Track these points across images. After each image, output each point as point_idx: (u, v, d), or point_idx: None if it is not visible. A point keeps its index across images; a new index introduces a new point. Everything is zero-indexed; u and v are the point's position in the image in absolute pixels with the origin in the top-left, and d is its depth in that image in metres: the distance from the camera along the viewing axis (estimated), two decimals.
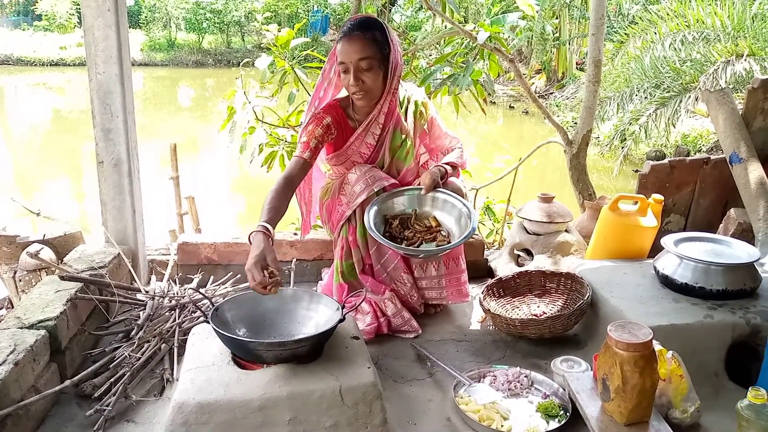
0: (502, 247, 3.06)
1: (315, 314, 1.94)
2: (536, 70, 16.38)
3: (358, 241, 2.29)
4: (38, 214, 6.96)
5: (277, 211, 2.01)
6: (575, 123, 10.93)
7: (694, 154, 9.38)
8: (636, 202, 2.57)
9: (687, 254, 2.19)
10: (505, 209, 4.57)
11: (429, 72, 3.81)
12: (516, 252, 2.91)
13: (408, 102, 2.46)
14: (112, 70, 2.30)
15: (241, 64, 4.11)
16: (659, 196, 2.57)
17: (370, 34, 2.18)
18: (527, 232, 2.86)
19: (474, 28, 3.57)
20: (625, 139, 8.27)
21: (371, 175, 2.29)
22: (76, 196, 8.37)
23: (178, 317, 2.18)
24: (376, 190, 2.26)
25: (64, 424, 1.74)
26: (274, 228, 1.92)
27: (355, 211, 2.27)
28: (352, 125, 2.37)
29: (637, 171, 9.43)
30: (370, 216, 2.22)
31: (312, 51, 4.01)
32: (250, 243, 1.85)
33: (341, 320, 1.82)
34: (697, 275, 2.16)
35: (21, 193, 8.15)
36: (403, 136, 2.41)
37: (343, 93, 2.43)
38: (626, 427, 1.65)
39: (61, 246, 2.49)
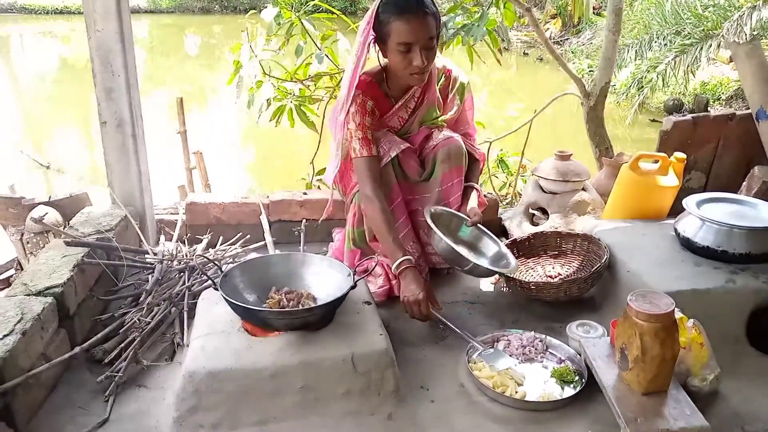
0: (516, 204, 2.99)
1: (326, 279, 1.91)
2: (551, 15, 15.87)
3: None
4: (48, 167, 6.94)
5: (396, 233, 2.09)
6: (591, 71, 10.66)
7: (713, 103, 9.14)
8: (657, 161, 2.48)
9: (709, 216, 2.11)
10: (519, 162, 4.48)
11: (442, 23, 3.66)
12: (531, 211, 2.84)
13: (447, 78, 2.33)
14: (112, 27, 2.20)
15: (246, 14, 3.97)
16: (681, 155, 2.48)
17: (431, 10, 2.03)
18: (543, 191, 2.79)
19: None
20: (642, 87, 8.04)
21: (386, 139, 2.20)
22: (86, 147, 8.30)
23: (188, 280, 2.15)
24: (392, 156, 2.17)
25: (75, 390, 1.73)
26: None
27: None
28: (389, 100, 2.27)
29: (653, 120, 9.25)
30: (427, 215, 2.15)
31: (320, 0, 3.86)
32: (399, 278, 2.02)
33: (353, 287, 1.78)
34: (719, 238, 2.09)
35: (31, 145, 8.11)
36: (439, 113, 2.32)
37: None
38: (644, 396, 1.62)
39: (68, 207, 2.45)
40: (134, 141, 2.38)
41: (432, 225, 2.08)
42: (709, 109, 8.60)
